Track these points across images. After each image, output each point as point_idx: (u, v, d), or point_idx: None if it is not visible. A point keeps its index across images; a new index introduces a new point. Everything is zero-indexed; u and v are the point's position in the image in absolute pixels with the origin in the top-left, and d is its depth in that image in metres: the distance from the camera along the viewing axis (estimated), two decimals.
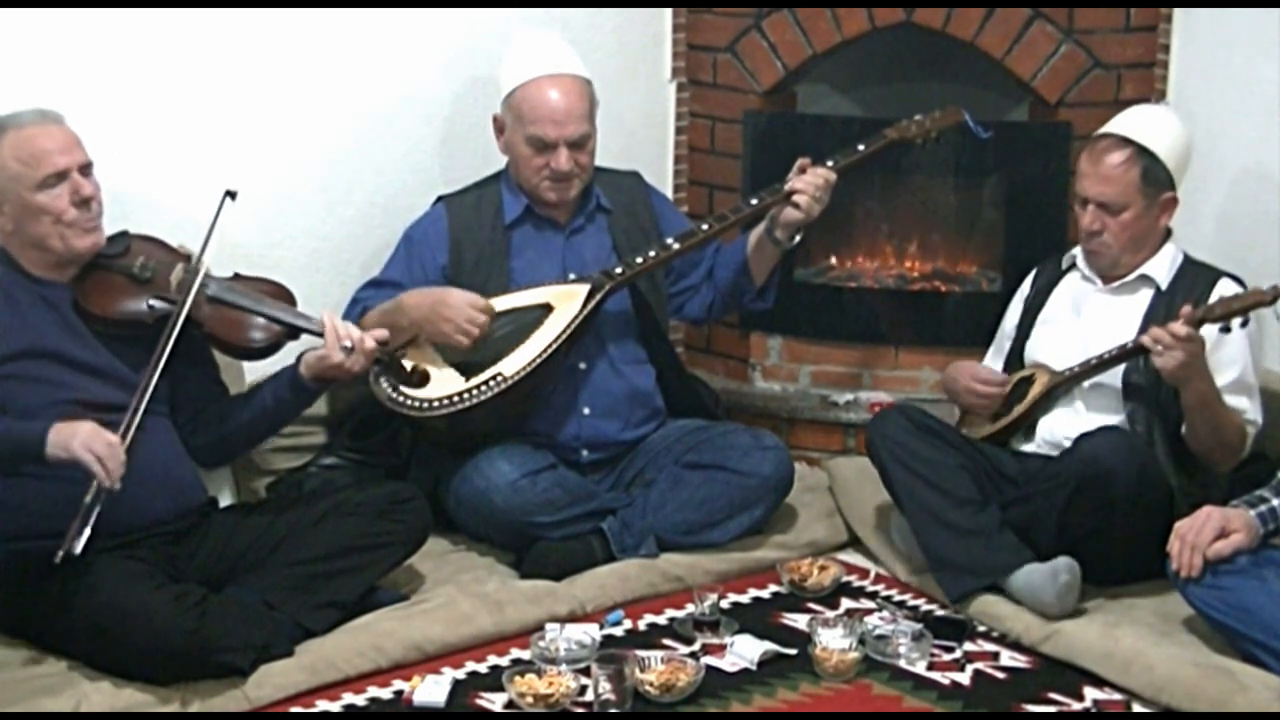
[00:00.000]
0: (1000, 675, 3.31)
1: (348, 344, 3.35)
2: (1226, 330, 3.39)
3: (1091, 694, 3.23)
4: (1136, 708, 3.18)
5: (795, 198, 3.80)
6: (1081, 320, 3.71)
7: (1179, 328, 3.36)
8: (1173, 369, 3.38)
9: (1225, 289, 3.56)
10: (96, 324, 3.28)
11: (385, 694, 3.20)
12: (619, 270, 3.79)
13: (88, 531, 2.98)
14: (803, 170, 3.83)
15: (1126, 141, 3.60)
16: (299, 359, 3.43)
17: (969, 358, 3.93)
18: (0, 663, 3.13)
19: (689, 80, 4.64)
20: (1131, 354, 3.54)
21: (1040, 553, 3.46)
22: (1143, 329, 3.55)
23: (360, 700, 3.17)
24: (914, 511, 3.63)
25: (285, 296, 3.49)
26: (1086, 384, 3.64)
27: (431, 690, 3.17)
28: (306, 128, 3.96)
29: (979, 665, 3.34)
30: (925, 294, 4.53)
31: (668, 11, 4.59)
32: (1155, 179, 3.59)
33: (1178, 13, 4.17)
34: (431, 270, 3.83)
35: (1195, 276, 3.62)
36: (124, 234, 3.37)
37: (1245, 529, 3.21)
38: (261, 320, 3.39)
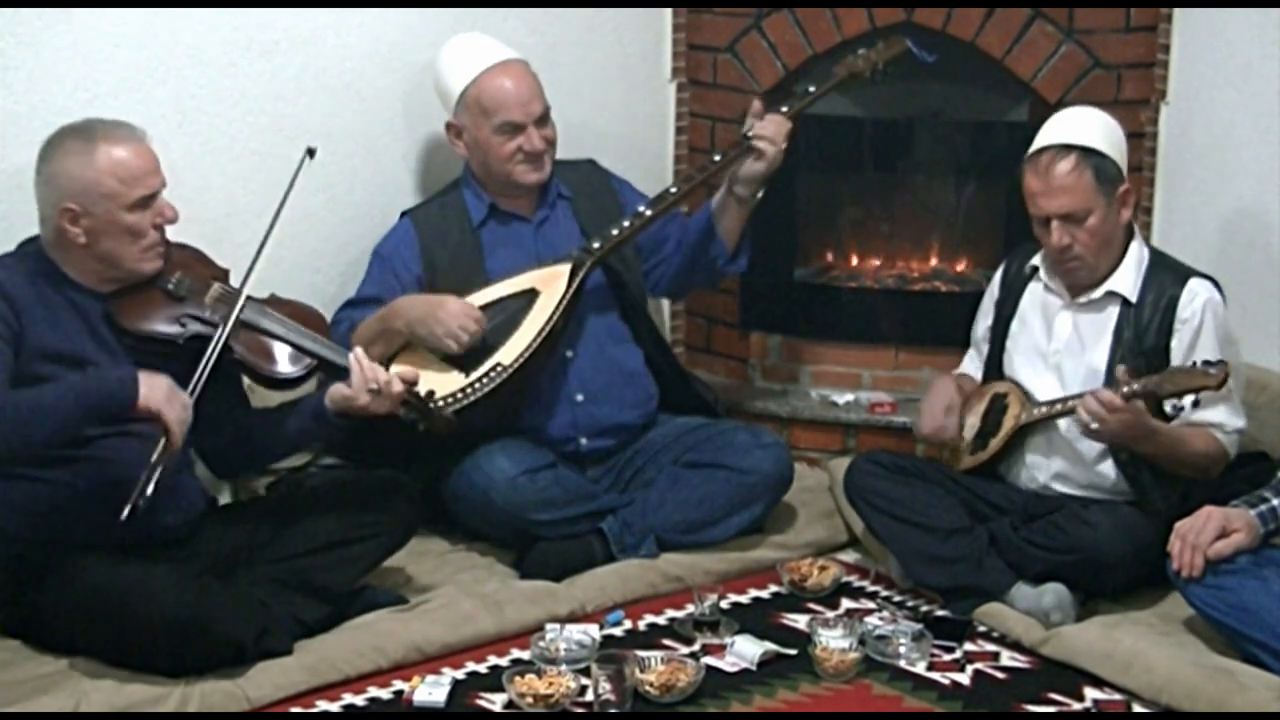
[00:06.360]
0: (1000, 675, 3.31)
1: (374, 386, 3.27)
2: (1179, 409, 3.31)
3: (1091, 694, 3.23)
4: (1136, 708, 3.18)
5: (757, 144, 3.81)
6: (1053, 339, 3.62)
7: (1112, 399, 3.26)
8: (1106, 440, 3.34)
9: (1194, 298, 3.46)
10: (127, 338, 3.22)
11: (385, 694, 3.20)
12: (596, 245, 3.79)
13: (151, 488, 2.99)
14: (759, 114, 3.85)
15: (1068, 148, 3.49)
16: (323, 390, 3.35)
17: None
18: (0, 662, 3.13)
19: (689, 80, 4.64)
20: None
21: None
22: (1113, 346, 3.51)
23: (360, 700, 3.17)
24: (903, 554, 3.64)
25: (318, 324, 3.43)
26: (1060, 423, 3.55)
27: (431, 691, 3.17)
28: (306, 128, 3.95)
29: (979, 665, 3.34)
30: (925, 294, 4.53)
31: (668, 11, 4.59)
32: (1108, 176, 3.48)
33: (1178, 13, 4.16)
34: (408, 282, 3.82)
35: (1163, 282, 3.51)
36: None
37: (1246, 529, 3.21)
38: (293, 352, 3.33)
